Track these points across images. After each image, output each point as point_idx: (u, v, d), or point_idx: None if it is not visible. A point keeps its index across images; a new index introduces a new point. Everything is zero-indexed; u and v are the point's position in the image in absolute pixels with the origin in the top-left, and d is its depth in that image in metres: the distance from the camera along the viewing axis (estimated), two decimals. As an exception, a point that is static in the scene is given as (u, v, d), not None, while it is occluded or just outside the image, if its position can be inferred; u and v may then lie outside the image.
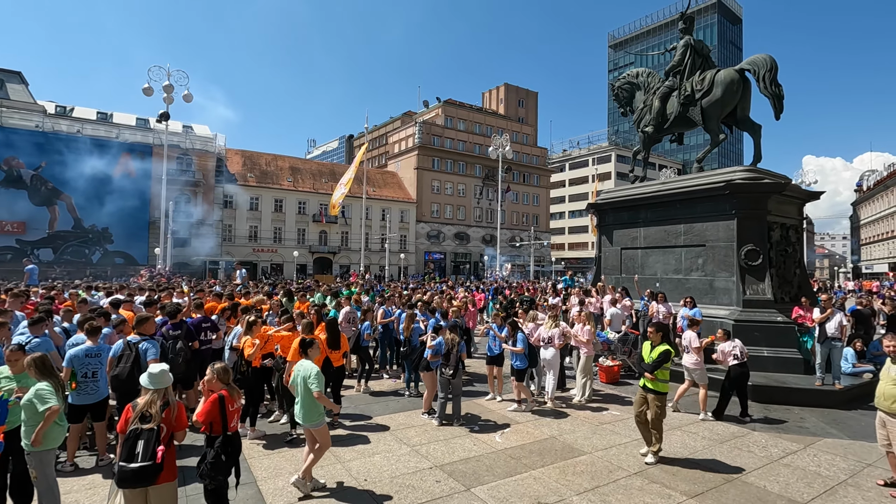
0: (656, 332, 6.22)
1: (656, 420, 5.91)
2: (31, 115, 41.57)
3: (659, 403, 5.92)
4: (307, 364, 5.25)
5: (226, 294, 12.45)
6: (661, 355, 5.94)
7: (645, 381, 6.08)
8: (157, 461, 3.47)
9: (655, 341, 6.17)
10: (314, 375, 5.06)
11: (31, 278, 17.18)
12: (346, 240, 54.62)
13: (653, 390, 5.99)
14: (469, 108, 68.27)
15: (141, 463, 3.44)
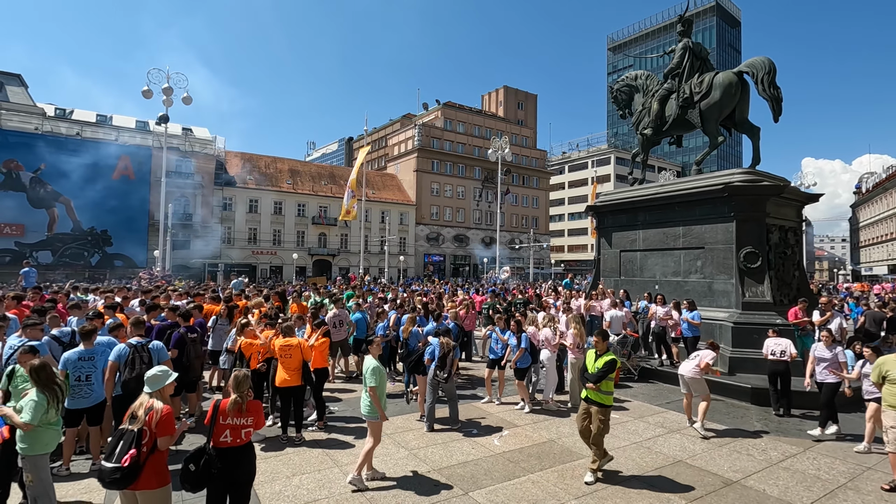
0: (602, 340, 5.89)
1: (598, 435, 5.52)
2: (30, 118, 41.60)
3: (602, 417, 5.53)
4: (369, 360, 5.66)
5: (223, 297, 12.41)
6: (606, 365, 5.58)
7: (588, 393, 5.67)
8: (122, 464, 3.36)
9: (600, 350, 5.82)
10: (370, 371, 5.47)
11: (26, 280, 17.12)
12: (345, 242, 54.59)
13: (596, 402, 5.59)
14: (468, 111, 68.37)
15: (114, 464, 3.38)
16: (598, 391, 5.59)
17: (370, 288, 19.29)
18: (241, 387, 4.02)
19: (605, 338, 5.94)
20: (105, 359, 5.76)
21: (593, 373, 5.63)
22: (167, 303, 10.29)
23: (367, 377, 5.44)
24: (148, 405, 3.59)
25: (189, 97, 25.38)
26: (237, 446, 3.89)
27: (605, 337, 5.95)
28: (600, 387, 5.59)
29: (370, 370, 5.47)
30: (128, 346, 5.84)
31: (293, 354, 6.64)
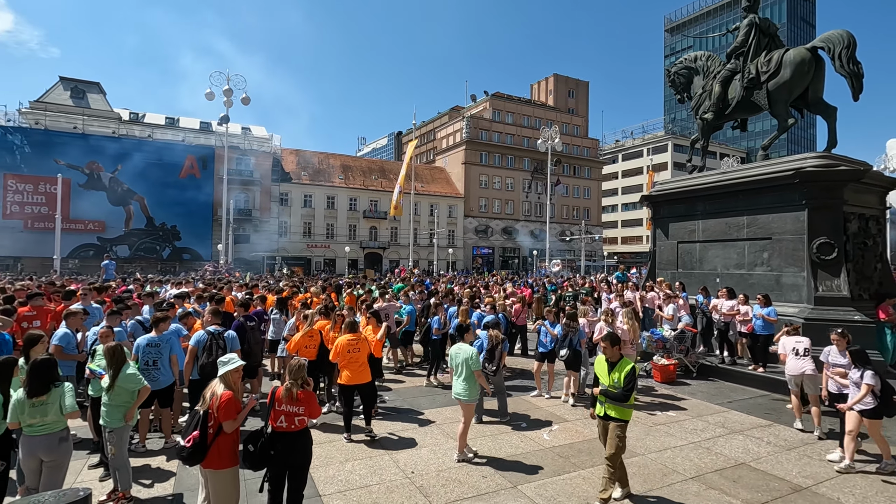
0: (611, 345, 4.96)
1: (615, 454, 4.71)
2: (108, 122, 45.06)
3: (620, 433, 4.74)
4: (466, 347, 5.97)
5: (274, 290, 12.97)
6: (629, 378, 4.72)
7: (606, 409, 4.85)
8: (186, 444, 3.61)
9: (613, 357, 4.92)
10: (475, 356, 5.85)
11: (107, 273, 18.64)
12: (395, 235, 55.49)
13: (616, 418, 4.79)
14: (517, 101, 67.34)
15: (181, 442, 3.67)
16: (619, 405, 4.80)
17: (420, 280, 19.51)
18: (295, 375, 4.19)
19: (614, 342, 4.98)
20: (171, 346, 6.18)
21: (617, 390, 4.74)
22: (229, 293, 10.91)
23: (472, 363, 5.81)
24: (213, 390, 3.83)
25: (247, 98, 26.54)
26: (292, 431, 4.07)
27: (616, 341, 4.99)
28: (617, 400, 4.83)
29: (473, 356, 5.84)
30: (206, 333, 6.22)
31: (361, 349, 6.49)
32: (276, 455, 3.96)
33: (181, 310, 7.88)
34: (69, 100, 44.76)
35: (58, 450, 3.97)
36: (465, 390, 5.86)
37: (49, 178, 35.78)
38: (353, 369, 6.39)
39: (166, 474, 5.39)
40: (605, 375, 4.94)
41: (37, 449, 3.90)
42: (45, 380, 3.93)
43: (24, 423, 3.87)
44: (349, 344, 6.42)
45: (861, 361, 5.67)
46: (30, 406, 3.84)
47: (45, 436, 3.90)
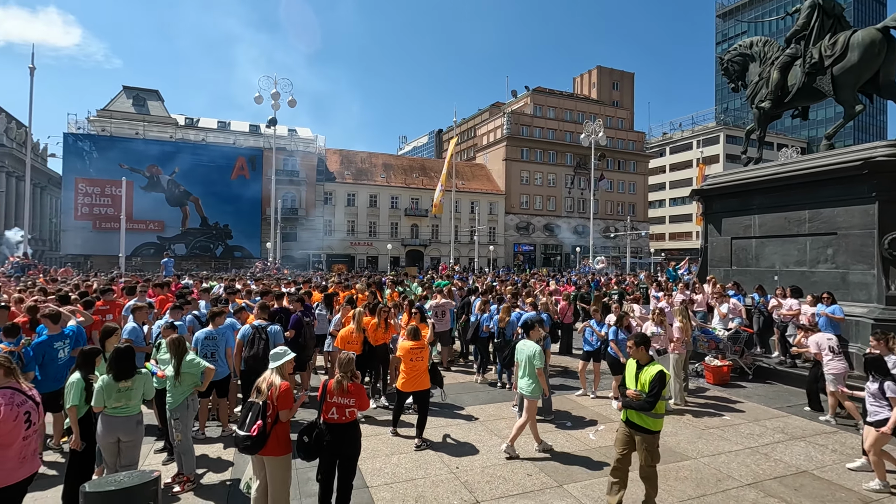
0: (636, 346, 4.63)
1: (649, 468, 4.38)
2: (166, 128, 47.70)
3: (649, 446, 4.37)
4: (530, 344, 5.98)
5: (319, 287, 13.35)
6: (655, 382, 4.31)
7: (629, 415, 4.49)
8: (251, 433, 3.78)
9: (641, 359, 4.58)
10: (538, 354, 5.85)
11: (166, 269, 19.78)
12: (436, 233, 55.83)
13: (642, 427, 4.38)
14: (559, 95, 66.12)
15: (245, 432, 3.82)
16: (646, 413, 4.37)
17: (462, 277, 19.57)
18: (345, 368, 4.33)
19: (642, 344, 4.62)
20: (226, 339, 6.50)
21: (642, 397, 4.33)
22: (278, 289, 11.32)
23: (535, 360, 5.83)
24: (269, 381, 4.01)
25: (294, 100, 27.41)
26: (343, 423, 4.20)
27: (644, 343, 4.64)
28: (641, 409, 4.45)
29: (536, 353, 5.85)
30: (251, 327, 6.51)
31: (424, 357, 6.33)
32: (328, 445, 4.11)
33: (233, 305, 8.26)
34: (131, 107, 47.68)
35: (135, 431, 4.34)
36: (528, 386, 5.89)
37: (114, 181, 38.29)
38: (413, 376, 6.24)
39: (224, 461, 5.68)
40: (632, 379, 4.56)
41: (117, 429, 4.24)
42: (130, 366, 4.33)
43: (109, 406, 4.22)
44: (412, 352, 6.24)
45: (879, 371, 5.15)
46: (116, 391, 4.21)
47: (125, 417, 4.26)
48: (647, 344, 4.65)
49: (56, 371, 5.52)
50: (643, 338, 4.68)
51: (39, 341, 5.60)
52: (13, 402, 3.26)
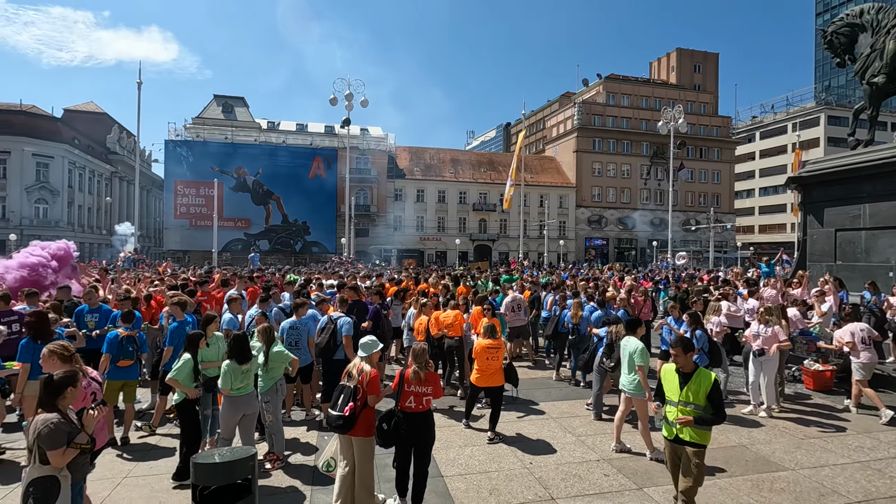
0: (683, 351, 4.07)
1: (693, 487, 4.02)
2: (251, 132, 51.21)
3: (699, 461, 3.97)
4: (633, 340, 5.81)
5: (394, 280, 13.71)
6: (713, 394, 3.89)
7: (677, 430, 4.03)
8: (344, 413, 4.09)
9: (685, 366, 4.06)
10: (640, 352, 5.66)
11: (253, 263, 21.31)
12: (504, 227, 55.44)
13: (692, 443, 3.98)
14: (634, 82, 62.93)
15: (337, 412, 4.13)
16: (700, 427, 3.93)
17: (532, 273, 19.32)
18: (419, 358, 4.50)
19: (687, 349, 4.09)
20: (308, 329, 6.90)
21: (697, 409, 3.88)
22: (353, 282, 11.79)
23: (637, 357, 5.66)
24: (360, 367, 4.31)
25: (366, 100, 28.34)
26: (420, 411, 4.36)
27: (689, 348, 4.11)
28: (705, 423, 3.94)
29: (639, 351, 5.68)
30: (328, 318, 6.86)
31: (499, 356, 6.34)
32: (405, 433, 4.26)
33: (314, 296, 8.74)
34: (221, 114, 51.68)
35: (254, 405, 4.99)
36: (630, 383, 5.76)
37: (207, 182, 41.76)
38: (487, 373, 6.27)
39: (310, 444, 6.05)
40: (674, 390, 4.05)
41: (241, 407, 4.81)
42: (249, 350, 4.91)
43: (234, 387, 4.74)
44: (487, 351, 6.24)
45: None
46: (240, 373, 4.76)
47: (247, 395, 4.87)
48: (692, 350, 4.17)
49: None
50: (688, 343, 4.17)
51: (174, 326, 6.30)
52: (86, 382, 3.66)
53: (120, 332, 6.11)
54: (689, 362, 4.09)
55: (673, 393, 4.08)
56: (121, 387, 6.06)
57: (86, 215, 48.44)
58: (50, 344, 3.96)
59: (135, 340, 6.21)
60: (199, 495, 3.23)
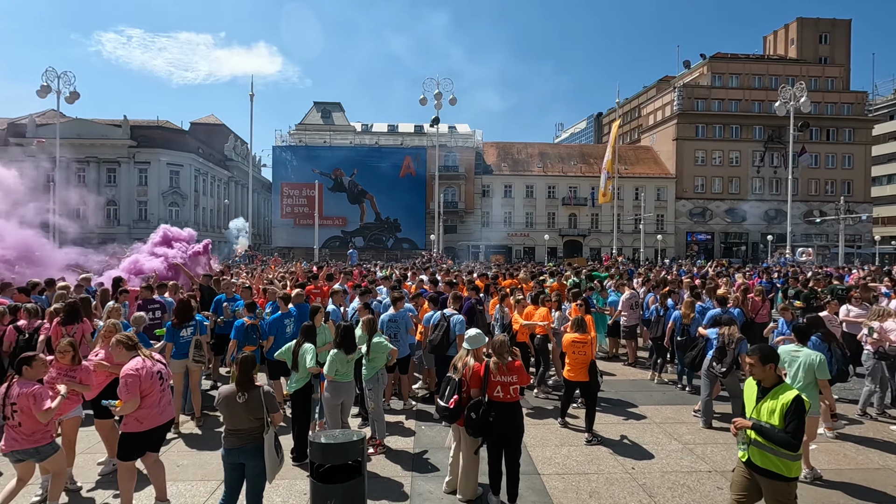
0: (760, 361, 3.45)
1: None
2: (346, 135, 54.23)
3: (782, 498, 3.32)
4: (808, 350, 5.11)
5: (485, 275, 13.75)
6: (792, 414, 3.22)
7: (751, 454, 3.39)
8: (449, 405, 4.26)
9: (766, 380, 3.45)
10: (821, 363, 4.90)
11: (351, 259, 22.57)
12: (596, 222, 53.25)
13: (771, 472, 3.31)
14: (744, 60, 57.01)
15: (444, 403, 4.32)
16: (774, 452, 3.27)
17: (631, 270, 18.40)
18: (499, 350, 4.50)
19: (766, 359, 3.45)
20: (406, 322, 7.13)
21: (776, 431, 3.24)
22: (444, 277, 12.03)
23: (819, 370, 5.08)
24: (465, 361, 4.46)
25: (454, 98, 28.68)
26: (508, 401, 4.39)
27: (769, 358, 3.46)
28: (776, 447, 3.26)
29: (820, 362, 5.07)
30: (440, 314, 7.03)
31: (587, 352, 6.17)
32: (495, 423, 4.30)
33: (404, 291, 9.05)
34: (320, 119, 55.32)
35: (352, 393, 5.38)
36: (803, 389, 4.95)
37: (309, 184, 44.99)
38: (576, 368, 6.17)
39: (408, 431, 6.29)
40: (751, 405, 3.51)
41: (342, 393, 5.20)
42: (355, 340, 5.32)
43: (338, 374, 5.12)
44: (574, 345, 6.16)
45: None
46: (345, 361, 5.16)
47: (348, 382, 5.25)
48: (775, 361, 3.53)
49: (284, 342, 6.73)
50: (769, 352, 3.52)
51: (273, 318, 6.89)
52: (146, 365, 4.13)
53: (245, 321, 6.80)
54: (769, 375, 3.46)
55: (749, 408, 3.53)
56: (245, 369, 6.75)
57: (208, 216, 54.41)
58: (118, 335, 4.48)
59: (257, 328, 6.88)
60: (315, 471, 3.51)
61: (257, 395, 3.74)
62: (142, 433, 4.08)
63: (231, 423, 3.77)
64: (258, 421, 3.72)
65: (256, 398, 3.73)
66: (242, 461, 3.72)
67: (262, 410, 3.71)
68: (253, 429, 3.72)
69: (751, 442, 3.37)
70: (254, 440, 3.71)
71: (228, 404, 3.76)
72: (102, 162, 46.49)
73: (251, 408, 3.71)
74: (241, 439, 3.72)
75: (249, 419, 3.71)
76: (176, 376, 6.37)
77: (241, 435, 3.72)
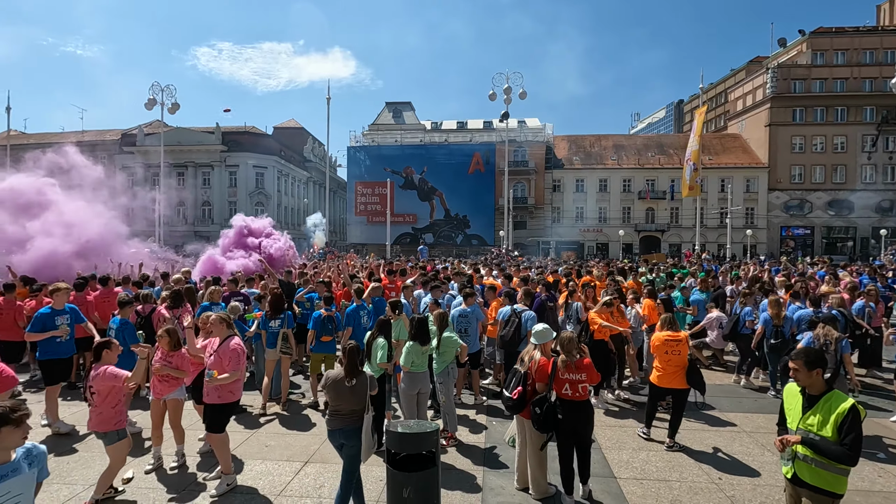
0: (806, 366, 3.09)
1: None
2: (416, 133, 55.23)
3: None
4: None
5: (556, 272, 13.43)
6: (849, 425, 2.92)
7: (797, 468, 3.10)
8: (512, 396, 4.32)
9: (814, 388, 3.11)
10: None
11: (422, 255, 23.01)
12: (676, 216, 50.15)
13: (819, 489, 3.04)
14: (852, 34, 50.82)
15: (507, 394, 4.38)
16: (825, 467, 3.00)
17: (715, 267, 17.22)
18: (567, 347, 4.42)
19: (812, 364, 3.10)
20: (477, 316, 7.17)
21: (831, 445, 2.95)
22: (518, 273, 11.92)
23: None
24: (531, 355, 4.48)
25: (524, 92, 28.23)
26: (577, 399, 4.33)
27: (815, 363, 3.11)
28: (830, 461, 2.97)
29: None
30: (511, 309, 7.03)
31: (681, 351, 5.58)
32: (564, 421, 4.23)
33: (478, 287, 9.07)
34: (391, 119, 56.80)
35: (427, 384, 5.50)
36: None
37: (381, 182, 46.39)
38: (668, 371, 5.59)
39: (478, 426, 6.32)
40: (796, 417, 3.18)
41: (418, 383, 5.34)
42: (429, 333, 5.44)
43: (414, 365, 5.28)
44: (667, 344, 5.60)
45: None
46: (420, 353, 5.32)
47: (422, 373, 5.39)
48: (823, 366, 3.15)
49: (361, 333, 7.02)
50: (815, 358, 3.15)
51: (350, 310, 7.23)
52: (240, 345, 4.75)
53: (322, 313, 7.18)
54: (816, 382, 3.12)
55: (793, 419, 3.21)
56: (323, 359, 7.12)
57: (289, 215, 57.81)
58: (219, 313, 5.07)
59: (333, 320, 7.23)
60: (392, 459, 3.63)
61: (364, 380, 4.08)
62: (229, 405, 4.66)
63: (337, 405, 4.06)
64: (361, 404, 4.02)
65: (363, 383, 4.06)
66: (343, 441, 4.00)
67: (366, 394, 4.01)
68: (355, 411, 4.01)
69: (797, 457, 3.10)
70: (354, 422, 3.99)
71: (337, 388, 4.05)
72: (198, 166, 50.90)
73: (357, 392, 4.01)
74: (344, 420, 4.01)
75: (355, 402, 4.01)
76: (268, 363, 6.92)
77: (345, 416, 4.02)
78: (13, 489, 2.37)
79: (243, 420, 6.48)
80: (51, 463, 5.12)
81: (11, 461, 2.41)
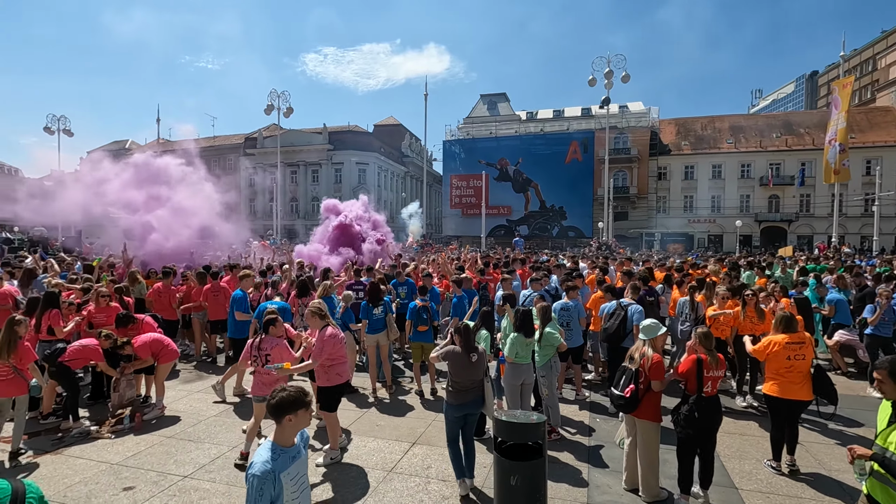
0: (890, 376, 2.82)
1: None
2: (511, 124, 54.72)
3: None
4: None
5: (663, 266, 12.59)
6: None
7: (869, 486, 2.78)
8: (625, 394, 4.23)
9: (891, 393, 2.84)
10: None
11: (517, 247, 22.87)
12: (805, 204, 44.32)
13: None
14: None
15: (618, 392, 4.31)
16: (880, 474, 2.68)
17: (860, 261, 15.05)
18: (706, 343, 4.27)
19: None
20: (579, 310, 7.01)
21: None
22: (620, 268, 11.41)
23: None
24: (642, 351, 4.34)
25: (627, 75, 26.68)
26: (714, 395, 4.23)
27: None
28: None
29: None
30: (616, 303, 6.82)
31: (806, 355, 4.86)
32: (701, 419, 4.11)
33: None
34: (486, 111, 56.82)
35: (531, 376, 5.51)
36: None
37: (476, 175, 46.70)
38: (789, 379, 4.83)
39: (581, 422, 6.20)
40: (880, 431, 2.85)
41: (522, 374, 5.43)
42: (533, 325, 5.50)
43: (518, 356, 5.38)
44: (788, 348, 4.85)
45: None
46: (524, 344, 5.40)
47: (526, 364, 5.45)
48: None
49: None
50: None
51: (455, 300, 7.51)
52: (337, 333, 5.13)
53: (418, 303, 7.47)
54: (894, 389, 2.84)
55: (882, 436, 2.80)
56: (421, 347, 7.41)
57: (389, 208, 60.58)
58: (311, 306, 5.32)
59: (428, 310, 7.49)
60: (499, 447, 3.72)
61: (483, 354, 4.52)
62: (339, 386, 5.12)
63: (459, 379, 4.43)
64: (481, 374, 4.47)
65: (482, 357, 4.50)
66: (466, 412, 4.42)
67: (484, 364, 4.50)
68: (475, 381, 4.44)
69: (871, 473, 2.77)
70: (475, 394, 4.44)
71: (460, 363, 4.43)
72: (308, 165, 55.15)
73: (477, 365, 4.43)
74: (470, 393, 4.41)
75: (476, 373, 4.43)
76: (370, 349, 7.38)
77: (470, 389, 4.40)
78: (301, 470, 2.56)
79: (355, 399, 7.00)
80: (199, 427, 5.99)
81: (295, 444, 2.56)
